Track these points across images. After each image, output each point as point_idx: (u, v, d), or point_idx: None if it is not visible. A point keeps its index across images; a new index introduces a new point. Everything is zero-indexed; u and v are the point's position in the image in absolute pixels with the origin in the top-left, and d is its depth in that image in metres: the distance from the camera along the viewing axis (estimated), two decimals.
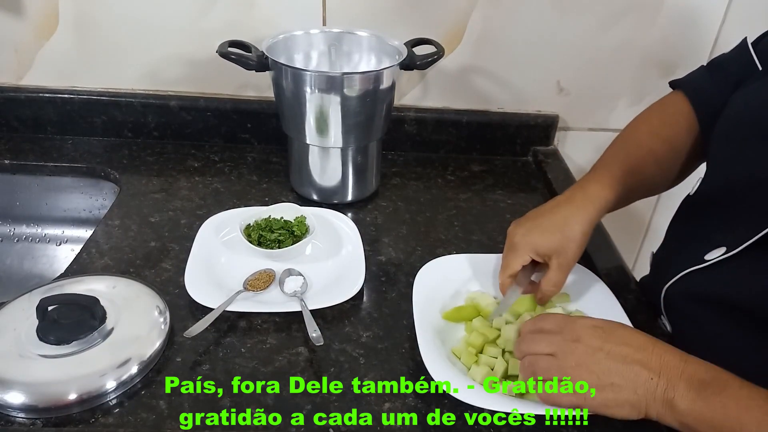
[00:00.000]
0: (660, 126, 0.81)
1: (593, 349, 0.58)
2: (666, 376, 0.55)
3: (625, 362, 0.57)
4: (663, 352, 0.57)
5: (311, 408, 0.63)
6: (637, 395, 0.56)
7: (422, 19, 1.04)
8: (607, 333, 0.59)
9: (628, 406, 0.56)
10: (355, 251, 0.84)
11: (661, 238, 0.85)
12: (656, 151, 0.79)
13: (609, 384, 0.56)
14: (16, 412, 0.60)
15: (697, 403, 0.54)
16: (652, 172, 0.79)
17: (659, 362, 0.56)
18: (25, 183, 1.04)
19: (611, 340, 0.58)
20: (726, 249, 0.65)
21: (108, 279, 0.76)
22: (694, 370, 0.56)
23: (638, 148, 0.79)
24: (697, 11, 1.07)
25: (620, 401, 0.56)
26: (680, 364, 0.56)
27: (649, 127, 0.82)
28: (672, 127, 0.80)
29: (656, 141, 0.80)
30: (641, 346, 0.58)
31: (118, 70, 1.07)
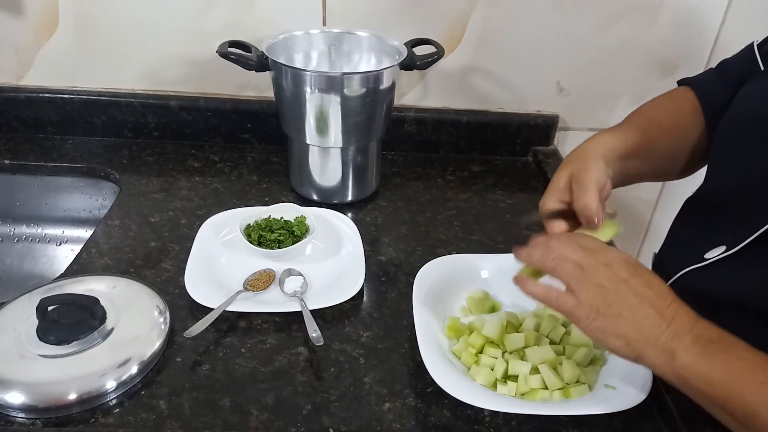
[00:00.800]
0: (663, 103, 0.82)
1: (618, 278, 0.57)
2: (675, 326, 0.55)
3: (642, 301, 0.56)
4: (679, 306, 0.57)
5: (311, 408, 0.64)
6: (639, 334, 0.56)
7: (422, 19, 1.04)
8: (636, 270, 0.59)
9: (623, 341, 0.56)
10: (355, 251, 0.84)
11: (662, 238, 0.85)
12: (662, 121, 0.79)
13: (617, 313, 0.56)
14: (16, 412, 0.60)
15: (700, 359, 0.54)
16: (659, 141, 0.79)
17: (673, 313, 0.56)
18: (25, 183, 1.04)
19: (637, 277, 0.58)
20: (726, 247, 0.65)
21: (108, 279, 0.76)
22: (704, 328, 0.56)
23: (641, 116, 0.80)
24: (697, 11, 1.07)
25: (619, 332, 0.56)
26: (692, 320, 0.56)
27: (652, 103, 0.83)
28: (675, 104, 0.81)
29: (661, 113, 0.80)
30: (662, 294, 0.57)
31: (118, 70, 1.07)
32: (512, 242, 0.90)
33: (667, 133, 0.79)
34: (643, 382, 0.64)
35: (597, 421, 0.63)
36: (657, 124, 0.79)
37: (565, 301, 0.58)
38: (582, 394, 0.65)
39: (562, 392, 0.65)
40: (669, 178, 0.87)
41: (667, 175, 0.86)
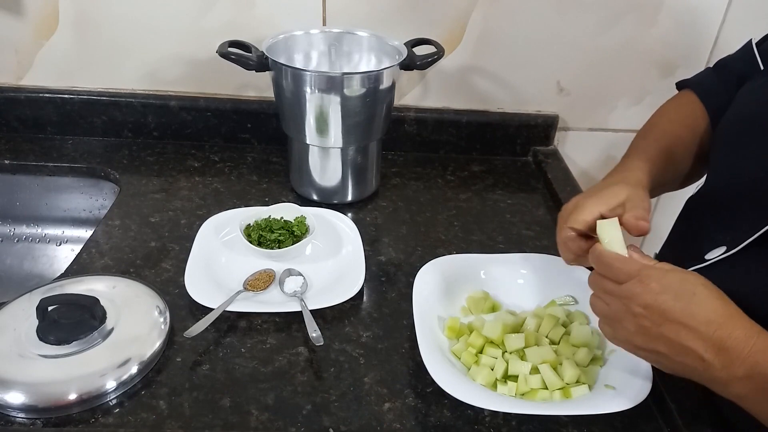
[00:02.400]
0: (678, 116, 0.82)
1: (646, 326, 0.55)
2: (722, 362, 0.52)
3: (677, 342, 0.53)
4: (731, 330, 0.52)
5: (311, 408, 0.63)
6: (684, 370, 0.55)
7: (422, 19, 1.04)
8: (669, 308, 0.54)
9: (673, 372, 0.57)
10: (355, 251, 0.84)
11: (662, 238, 0.85)
12: (682, 136, 0.79)
13: (654, 350, 0.55)
14: (16, 412, 0.60)
15: (753, 393, 0.52)
16: (681, 156, 0.79)
17: (719, 346, 0.52)
18: (25, 183, 1.04)
19: (670, 317, 0.53)
20: (726, 248, 0.65)
21: (108, 279, 0.76)
22: (759, 359, 0.51)
23: (664, 134, 0.79)
24: (697, 11, 1.07)
25: (665, 366, 0.57)
26: (745, 348, 0.52)
27: (668, 117, 0.83)
28: (690, 116, 0.81)
29: (679, 127, 0.80)
30: (705, 323, 0.53)
31: (118, 70, 1.07)
32: (512, 242, 0.92)
33: (688, 148, 0.80)
34: (643, 382, 0.64)
35: (597, 421, 0.63)
36: (681, 143, 0.79)
37: (603, 329, 0.59)
38: (582, 394, 0.65)
39: (562, 392, 0.65)
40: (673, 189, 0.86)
41: (673, 187, 0.85)
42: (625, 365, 0.67)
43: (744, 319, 0.54)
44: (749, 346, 0.52)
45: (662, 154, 0.76)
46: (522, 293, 0.79)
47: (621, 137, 1.18)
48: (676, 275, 0.56)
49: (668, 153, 0.77)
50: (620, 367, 0.67)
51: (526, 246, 0.92)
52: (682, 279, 0.56)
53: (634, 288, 0.56)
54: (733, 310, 0.55)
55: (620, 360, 0.68)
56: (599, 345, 0.72)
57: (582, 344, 0.70)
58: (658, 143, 0.78)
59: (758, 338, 0.52)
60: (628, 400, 0.62)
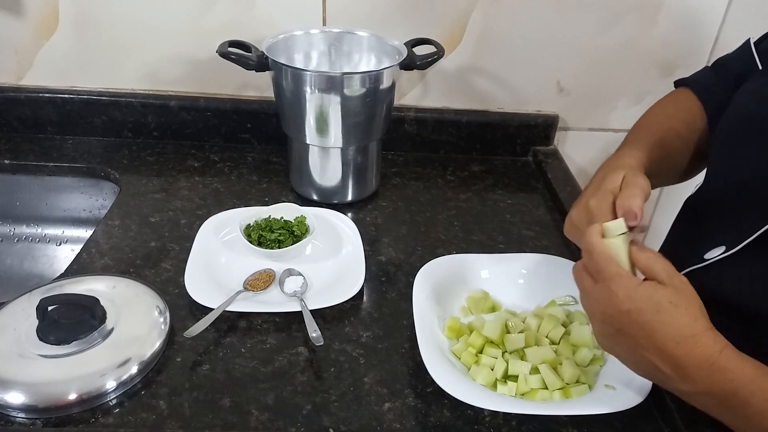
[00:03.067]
0: (675, 110, 0.82)
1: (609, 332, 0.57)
2: (681, 375, 0.54)
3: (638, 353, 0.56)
4: (690, 350, 0.53)
5: (311, 408, 0.64)
6: (648, 377, 0.59)
7: (422, 19, 1.04)
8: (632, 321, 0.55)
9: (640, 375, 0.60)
10: (355, 251, 0.84)
11: (661, 238, 0.85)
12: (677, 129, 0.79)
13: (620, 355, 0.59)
14: (16, 412, 0.60)
15: (717, 408, 0.55)
16: (676, 148, 0.79)
17: (678, 366, 0.54)
18: (25, 183, 1.04)
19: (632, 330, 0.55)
20: (726, 248, 0.65)
21: (108, 279, 0.76)
22: (719, 378, 0.53)
23: (660, 126, 0.79)
24: (697, 11, 1.07)
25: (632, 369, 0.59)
26: (703, 368, 0.53)
27: (665, 110, 0.82)
28: (687, 112, 0.81)
29: (675, 121, 0.80)
30: (665, 342, 0.54)
31: (118, 70, 1.07)
32: (512, 242, 0.92)
33: (686, 143, 0.80)
34: (643, 382, 0.64)
35: (597, 421, 0.63)
36: (676, 135, 0.79)
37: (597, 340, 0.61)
38: (582, 394, 0.65)
39: (562, 392, 0.65)
40: (670, 183, 0.87)
41: (670, 181, 0.85)
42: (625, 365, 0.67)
43: (707, 337, 0.54)
44: (708, 365, 0.53)
45: (657, 145, 0.75)
46: (522, 293, 0.79)
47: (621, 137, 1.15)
48: (646, 290, 0.55)
49: (663, 144, 0.76)
50: (620, 367, 0.66)
51: (526, 246, 0.92)
52: (650, 295, 0.55)
53: (602, 293, 0.56)
54: (698, 329, 0.54)
55: None
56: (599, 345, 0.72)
57: (582, 344, 0.70)
58: (654, 135, 0.77)
59: (719, 356, 0.53)
60: (628, 400, 0.62)
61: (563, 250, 0.91)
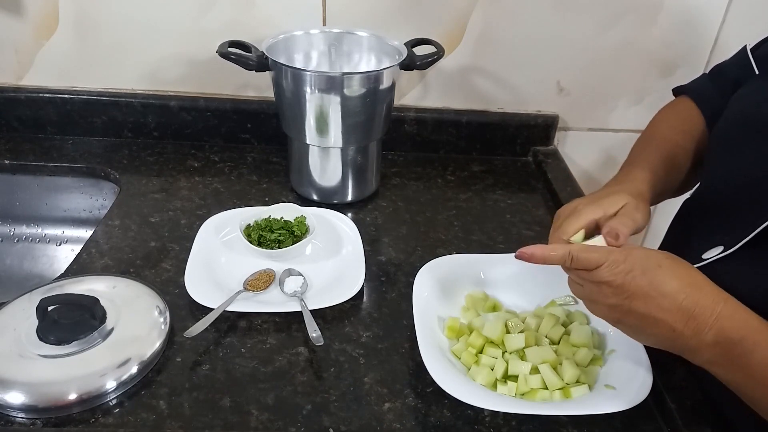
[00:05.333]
0: (678, 122, 0.83)
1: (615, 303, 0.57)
2: (692, 329, 0.55)
3: (647, 314, 0.56)
4: (698, 298, 0.55)
5: (311, 408, 0.64)
6: (657, 340, 0.58)
7: (422, 19, 1.04)
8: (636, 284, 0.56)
9: (644, 340, 0.61)
10: (355, 251, 0.84)
11: (660, 239, 0.85)
12: (681, 143, 0.80)
13: (629, 324, 0.58)
14: (16, 412, 0.60)
15: (722, 360, 0.55)
16: (681, 163, 0.79)
17: (687, 315, 0.55)
18: (25, 183, 1.04)
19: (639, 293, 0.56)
20: (723, 248, 0.65)
21: (108, 279, 0.76)
22: (725, 325, 0.54)
23: (665, 142, 0.80)
24: (697, 11, 1.07)
25: (640, 337, 0.60)
26: (711, 315, 0.55)
27: (668, 123, 0.83)
28: (689, 122, 0.82)
29: (679, 134, 0.81)
30: (672, 294, 0.55)
31: (118, 70, 1.07)
32: (512, 242, 0.92)
33: (688, 152, 0.80)
34: (643, 382, 0.64)
35: (597, 421, 0.63)
36: (678, 146, 0.79)
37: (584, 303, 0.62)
38: (582, 394, 0.65)
39: (562, 392, 0.65)
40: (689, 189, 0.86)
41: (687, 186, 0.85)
42: (625, 365, 0.67)
43: (710, 287, 0.57)
44: (716, 313, 0.55)
45: (664, 163, 0.76)
46: (522, 293, 0.79)
47: (621, 137, 1.18)
48: (640, 251, 0.58)
49: (669, 161, 0.77)
50: (620, 367, 0.67)
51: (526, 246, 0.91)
52: (647, 254, 0.58)
53: (603, 273, 0.57)
54: (699, 279, 0.57)
55: (620, 360, 0.68)
56: (599, 345, 0.72)
57: (582, 344, 0.70)
58: (660, 152, 0.78)
59: (725, 305, 0.55)
60: (628, 400, 0.62)
61: None
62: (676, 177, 0.80)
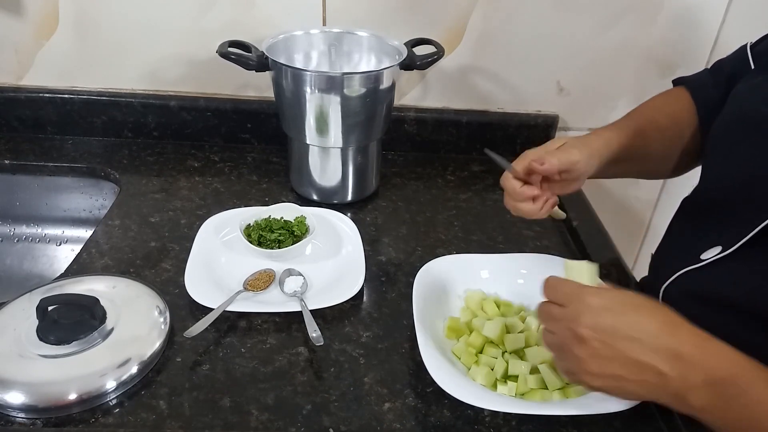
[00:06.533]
0: (662, 104, 0.83)
1: (593, 337, 0.53)
2: (679, 372, 0.51)
3: (630, 356, 0.52)
4: (677, 342, 0.52)
5: (311, 408, 0.64)
6: (643, 389, 0.53)
7: (422, 19, 1.04)
8: (614, 318, 0.53)
9: (634, 395, 0.56)
10: (355, 251, 0.84)
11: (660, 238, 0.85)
12: (659, 120, 0.81)
13: (611, 375, 0.53)
14: (16, 412, 0.60)
15: (715, 403, 0.51)
16: (654, 138, 0.80)
17: (671, 355, 0.52)
18: (25, 183, 1.04)
19: (616, 329, 0.53)
20: (722, 248, 0.65)
21: (108, 279, 0.76)
22: (714, 362, 0.52)
23: (640, 115, 0.82)
24: (697, 11, 1.07)
25: (625, 390, 0.54)
26: (696, 355, 0.52)
27: (653, 103, 0.84)
28: (674, 105, 0.82)
29: (658, 113, 0.82)
30: (654, 334, 0.52)
31: (118, 70, 1.07)
32: (512, 242, 0.92)
33: (664, 133, 0.81)
34: None
35: (597, 421, 0.63)
36: (655, 126, 0.80)
37: (559, 365, 0.58)
38: (582, 394, 0.65)
39: (561, 392, 0.65)
40: (659, 176, 0.88)
41: (658, 174, 0.86)
42: None
43: (690, 326, 0.54)
44: (701, 350, 0.52)
45: (631, 130, 0.78)
46: (522, 293, 0.79)
47: None
48: (613, 293, 0.56)
49: (638, 132, 0.78)
50: None
51: (526, 246, 0.92)
52: (622, 295, 0.56)
53: (575, 308, 0.54)
54: (678, 319, 0.54)
55: None
56: None
57: None
58: (633, 121, 0.80)
59: (709, 343, 0.53)
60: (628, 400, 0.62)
61: (563, 250, 0.91)
62: (648, 150, 0.80)
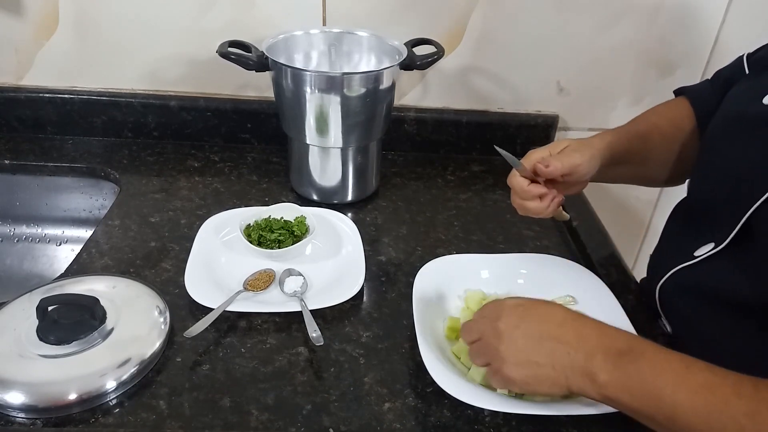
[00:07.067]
0: (664, 110, 0.84)
1: (510, 328, 0.59)
2: (583, 348, 0.56)
3: (542, 339, 0.58)
4: (580, 325, 0.58)
5: (311, 408, 0.63)
6: (556, 371, 0.57)
7: (422, 19, 1.04)
8: (526, 310, 0.61)
9: (549, 382, 0.57)
10: (355, 251, 0.84)
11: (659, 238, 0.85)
12: (661, 126, 0.82)
13: (526, 361, 0.58)
14: (16, 412, 0.60)
15: (615, 373, 0.54)
16: (657, 143, 0.81)
17: (576, 335, 0.57)
18: (25, 183, 1.04)
19: (528, 318, 0.60)
20: (714, 244, 0.66)
21: (108, 279, 0.76)
22: (611, 340, 0.57)
23: (644, 121, 0.83)
24: (697, 11, 1.07)
25: (540, 377, 0.57)
26: (597, 335, 0.57)
27: (655, 110, 0.85)
28: (675, 111, 0.83)
29: (661, 119, 0.82)
30: (559, 322, 0.59)
31: (118, 70, 1.07)
32: (512, 242, 0.92)
33: (666, 137, 0.81)
34: None
35: (597, 421, 0.63)
36: (658, 130, 0.81)
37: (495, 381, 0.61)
38: None
39: None
40: (656, 183, 0.88)
41: (655, 180, 0.87)
42: None
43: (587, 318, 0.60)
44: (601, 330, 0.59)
45: (632, 134, 0.79)
46: (522, 293, 0.79)
47: None
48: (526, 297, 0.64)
49: (641, 136, 0.79)
50: None
51: (526, 246, 0.92)
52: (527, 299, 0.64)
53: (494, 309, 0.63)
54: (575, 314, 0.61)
55: None
56: None
57: None
58: (633, 126, 0.81)
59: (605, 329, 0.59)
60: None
61: (563, 250, 0.91)
62: (651, 155, 0.81)
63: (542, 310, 0.61)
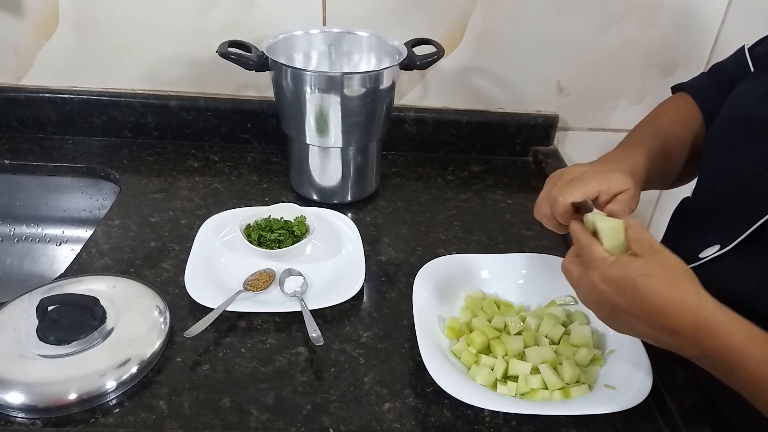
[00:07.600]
0: (677, 115, 0.83)
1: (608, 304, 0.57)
2: (675, 341, 0.56)
3: (628, 325, 0.57)
4: (676, 315, 0.54)
5: (311, 408, 0.64)
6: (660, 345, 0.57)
7: (422, 19, 1.04)
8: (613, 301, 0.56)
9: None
10: (355, 251, 0.84)
11: (660, 237, 0.85)
12: (678, 134, 0.80)
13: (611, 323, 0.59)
14: (16, 412, 0.60)
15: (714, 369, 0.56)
16: (678, 154, 0.80)
17: (669, 330, 0.55)
18: (25, 183, 1.04)
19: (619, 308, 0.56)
20: (720, 246, 0.65)
21: (108, 279, 0.76)
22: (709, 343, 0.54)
23: (663, 131, 0.80)
24: (697, 11, 1.07)
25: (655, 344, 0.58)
26: (693, 330, 0.54)
27: (667, 115, 0.83)
28: (687, 115, 0.82)
29: (677, 126, 0.81)
30: (650, 310, 0.55)
31: (118, 70, 1.07)
32: (512, 242, 0.92)
33: (684, 146, 0.80)
34: (643, 382, 0.64)
35: (597, 421, 0.63)
36: (675, 137, 0.80)
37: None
38: (582, 394, 0.65)
39: (562, 392, 0.65)
40: (682, 182, 0.87)
41: (681, 179, 0.86)
42: (624, 365, 0.67)
43: (690, 303, 0.55)
44: (695, 330, 0.54)
45: (660, 152, 0.76)
46: (522, 293, 0.79)
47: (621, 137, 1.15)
48: (618, 269, 0.56)
49: (665, 151, 0.77)
50: (620, 367, 0.67)
51: (526, 246, 0.92)
52: (623, 273, 0.56)
53: (585, 282, 0.59)
54: (678, 295, 0.55)
55: (620, 360, 0.68)
56: (599, 345, 0.72)
57: (582, 344, 0.70)
58: (657, 140, 0.78)
59: (707, 321, 0.54)
60: (628, 400, 0.62)
61: (563, 250, 0.91)
62: (670, 168, 0.80)
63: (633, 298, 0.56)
